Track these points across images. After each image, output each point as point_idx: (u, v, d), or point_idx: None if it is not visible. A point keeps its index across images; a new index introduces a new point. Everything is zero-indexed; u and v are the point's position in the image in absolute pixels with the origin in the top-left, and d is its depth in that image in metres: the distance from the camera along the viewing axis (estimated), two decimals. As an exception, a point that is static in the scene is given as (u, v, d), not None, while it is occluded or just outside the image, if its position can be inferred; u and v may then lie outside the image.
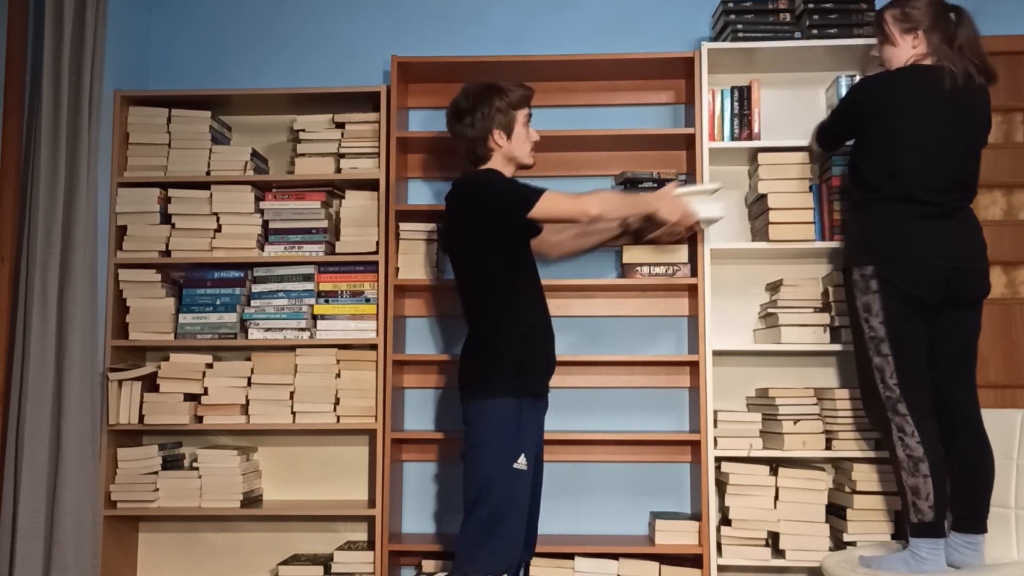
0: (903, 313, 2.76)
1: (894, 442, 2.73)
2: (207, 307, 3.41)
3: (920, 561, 2.66)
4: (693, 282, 3.29)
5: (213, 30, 3.79)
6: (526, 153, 2.95)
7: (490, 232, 2.79)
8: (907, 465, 2.70)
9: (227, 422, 3.36)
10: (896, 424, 2.73)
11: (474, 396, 2.77)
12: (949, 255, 2.76)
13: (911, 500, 2.70)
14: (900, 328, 2.76)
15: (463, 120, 2.90)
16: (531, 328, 2.85)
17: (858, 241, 2.89)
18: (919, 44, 2.88)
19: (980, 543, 2.72)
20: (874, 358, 2.79)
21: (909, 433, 2.70)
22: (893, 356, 2.75)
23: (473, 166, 2.95)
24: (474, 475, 2.72)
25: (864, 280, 2.81)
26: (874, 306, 2.78)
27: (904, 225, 2.79)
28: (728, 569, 3.25)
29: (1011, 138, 3.59)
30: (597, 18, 3.71)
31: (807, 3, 3.33)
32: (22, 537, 2.89)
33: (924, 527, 2.68)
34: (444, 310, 3.58)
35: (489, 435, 2.72)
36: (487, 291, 2.82)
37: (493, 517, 2.66)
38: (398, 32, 3.75)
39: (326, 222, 3.44)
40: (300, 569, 3.29)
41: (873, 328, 2.79)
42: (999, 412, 2.97)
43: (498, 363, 2.77)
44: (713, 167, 3.50)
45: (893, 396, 2.75)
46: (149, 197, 3.43)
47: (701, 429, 3.21)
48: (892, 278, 2.76)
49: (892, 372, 2.75)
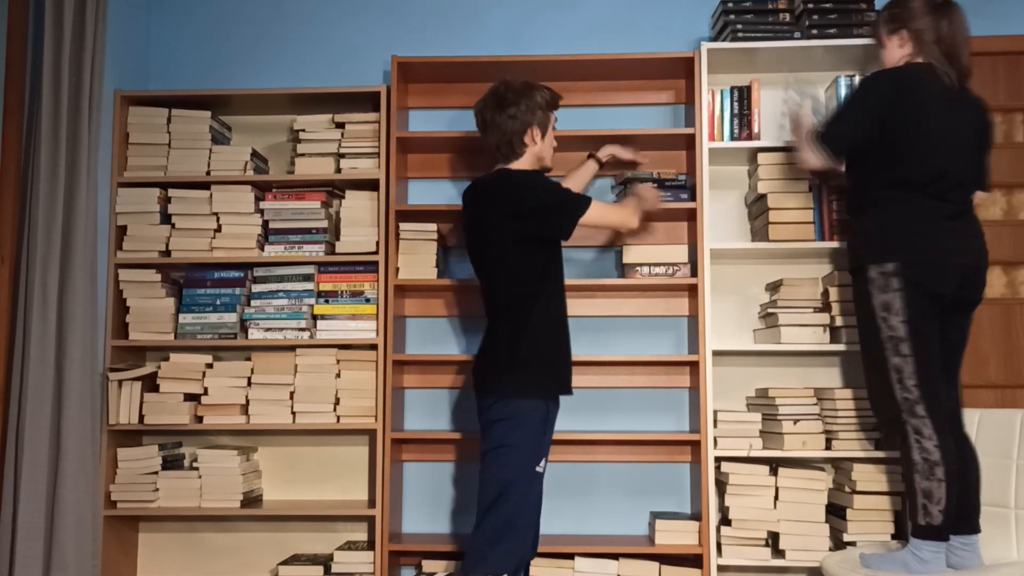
0: (925, 312, 2.70)
1: (910, 445, 2.66)
2: (207, 307, 3.41)
3: (922, 563, 2.64)
4: (693, 282, 3.29)
5: (213, 30, 3.79)
6: (551, 155, 2.97)
7: (532, 233, 2.79)
8: (922, 468, 2.64)
9: (227, 422, 3.36)
10: (913, 426, 2.66)
11: (502, 395, 2.74)
12: (967, 254, 2.74)
13: (922, 503, 2.64)
14: (922, 327, 2.69)
15: (506, 110, 2.86)
16: (558, 329, 2.85)
17: (875, 238, 2.79)
18: (905, 44, 2.86)
19: (976, 543, 2.72)
20: (892, 358, 2.70)
21: (927, 436, 2.64)
22: (914, 356, 2.67)
23: (501, 161, 2.91)
24: (495, 476, 2.70)
25: (884, 278, 2.72)
26: (895, 304, 2.70)
27: (928, 221, 2.73)
28: (728, 569, 3.25)
29: (1011, 138, 3.60)
30: (597, 18, 3.71)
31: (807, 3, 3.33)
32: (22, 537, 2.89)
33: (931, 530, 2.64)
34: (444, 310, 3.58)
35: (517, 438, 2.70)
36: (518, 290, 2.81)
37: (510, 519, 2.67)
38: (398, 32, 3.75)
39: (326, 222, 3.44)
40: (300, 569, 3.29)
41: (892, 327, 2.70)
42: (999, 412, 2.96)
43: (529, 364, 2.76)
44: (713, 167, 3.50)
45: (911, 397, 2.67)
46: (149, 197, 3.43)
47: (701, 429, 3.21)
48: (916, 275, 2.69)
49: (912, 373, 2.67)
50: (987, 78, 3.57)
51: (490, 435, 2.75)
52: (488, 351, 2.84)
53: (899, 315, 2.69)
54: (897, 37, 2.87)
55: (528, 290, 2.80)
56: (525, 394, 2.73)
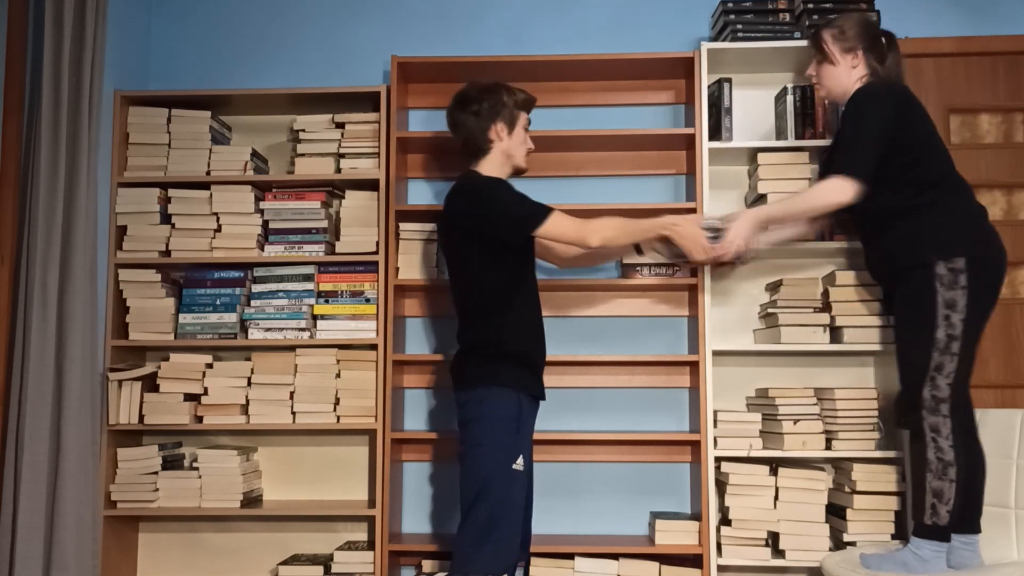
0: (987, 312, 2.68)
1: (926, 443, 2.64)
2: (207, 307, 3.41)
3: (922, 562, 2.64)
4: (693, 282, 3.29)
5: (213, 30, 3.79)
6: (522, 155, 2.95)
7: (488, 237, 2.79)
8: (936, 467, 2.63)
9: (227, 422, 3.36)
10: (931, 424, 2.64)
11: (473, 387, 2.75)
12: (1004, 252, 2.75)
13: (931, 502, 2.64)
14: (979, 326, 2.66)
15: (468, 108, 2.88)
16: (531, 330, 2.85)
17: (939, 233, 2.71)
18: (859, 64, 2.88)
19: (976, 543, 2.71)
20: (936, 356, 2.64)
21: (944, 436, 2.62)
22: (960, 356, 2.63)
23: (469, 160, 2.93)
24: (473, 476, 2.71)
25: (953, 274, 2.64)
26: (959, 302, 2.63)
27: (984, 218, 2.74)
28: (728, 569, 3.25)
29: (1011, 138, 3.59)
30: (597, 18, 3.71)
31: (807, 3, 3.33)
32: (22, 537, 2.89)
33: (936, 530, 2.65)
34: (444, 310, 3.58)
35: (489, 435, 2.71)
36: (486, 293, 2.81)
37: (491, 519, 2.66)
38: (398, 32, 3.75)
39: (326, 222, 3.44)
40: (300, 569, 3.29)
41: (952, 325, 2.63)
42: (999, 412, 2.96)
43: (499, 356, 2.77)
44: (713, 167, 3.50)
45: (940, 396, 2.63)
46: (149, 197, 3.43)
47: (701, 429, 3.21)
48: (984, 272, 2.66)
49: (951, 372, 2.63)
50: (987, 78, 3.58)
51: (465, 435, 2.77)
52: (461, 350, 2.85)
53: (961, 313, 2.64)
54: (851, 56, 2.89)
55: (496, 293, 2.80)
56: (495, 382, 2.73)
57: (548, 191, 3.60)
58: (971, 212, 2.77)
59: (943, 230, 2.72)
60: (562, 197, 3.60)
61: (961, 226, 2.73)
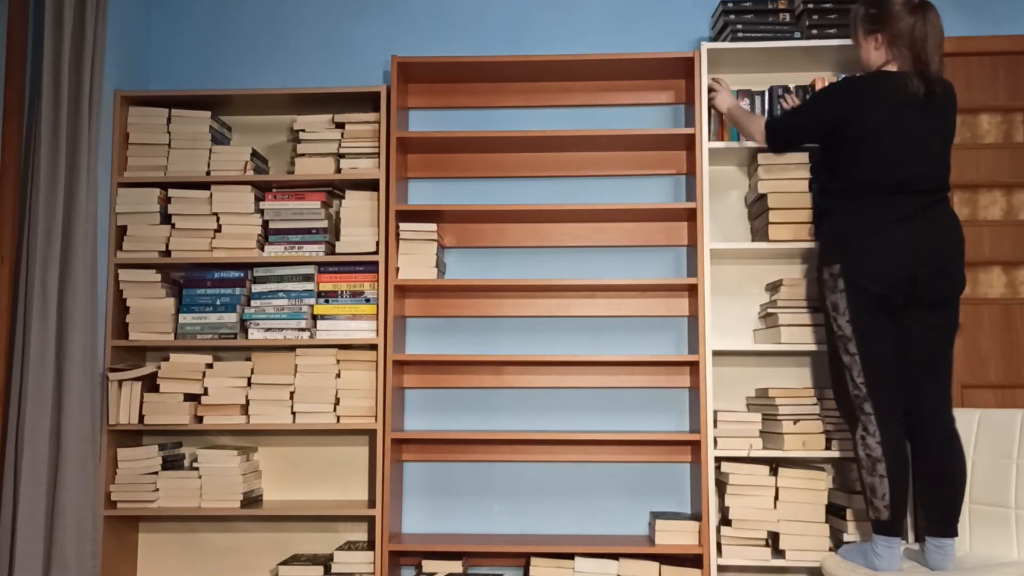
0: (868, 312, 2.78)
1: (856, 440, 2.78)
2: (207, 307, 3.41)
3: (877, 557, 2.73)
4: (693, 282, 3.29)
5: (213, 30, 3.79)
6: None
7: None
8: (866, 464, 2.75)
9: (227, 422, 3.36)
10: (861, 423, 2.77)
11: None
12: (913, 255, 2.76)
13: (868, 498, 2.76)
14: (865, 328, 2.78)
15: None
16: None
17: (826, 242, 2.91)
18: (880, 47, 2.89)
19: (949, 547, 2.72)
20: (843, 357, 2.82)
21: (871, 433, 2.74)
22: (859, 355, 2.78)
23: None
24: None
25: (832, 279, 2.84)
26: (840, 305, 2.81)
27: (868, 225, 2.81)
28: (728, 569, 3.25)
29: (1011, 138, 3.59)
30: (597, 18, 3.71)
31: (807, 3, 3.33)
32: (22, 537, 2.89)
33: (879, 525, 2.74)
34: (444, 310, 3.58)
35: None
36: None
37: None
38: (398, 32, 3.75)
39: (326, 222, 3.44)
40: (300, 569, 3.29)
41: (841, 327, 2.81)
42: (999, 412, 2.96)
43: None
44: (713, 167, 3.50)
45: (860, 395, 2.78)
46: (149, 197, 3.43)
47: (701, 429, 3.21)
48: (855, 276, 2.78)
49: (859, 371, 2.78)
50: (987, 78, 3.58)
51: None
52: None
53: (844, 315, 2.80)
54: (873, 39, 2.90)
55: None
56: None
57: (548, 191, 3.61)
58: (861, 218, 2.83)
59: (827, 237, 2.94)
60: (562, 197, 3.60)
61: (841, 234, 2.87)
